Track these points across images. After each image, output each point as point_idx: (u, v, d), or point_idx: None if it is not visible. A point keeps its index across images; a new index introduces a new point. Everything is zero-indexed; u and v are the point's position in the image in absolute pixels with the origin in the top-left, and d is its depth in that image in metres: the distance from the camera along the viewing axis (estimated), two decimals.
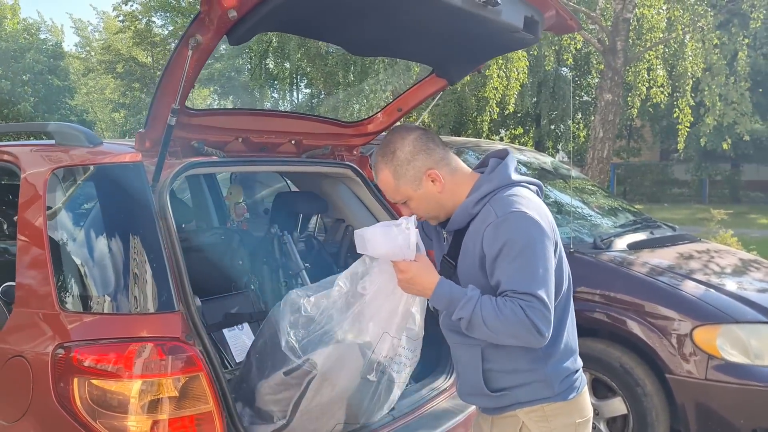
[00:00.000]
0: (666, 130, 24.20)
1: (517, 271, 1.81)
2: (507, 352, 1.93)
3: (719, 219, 9.39)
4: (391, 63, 13.76)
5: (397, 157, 1.97)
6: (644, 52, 10.49)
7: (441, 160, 1.99)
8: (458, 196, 1.99)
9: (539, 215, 1.86)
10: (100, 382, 1.95)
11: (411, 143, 1.97)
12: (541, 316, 1.77)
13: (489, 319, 1.79)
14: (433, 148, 1.99)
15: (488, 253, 1.86)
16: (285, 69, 20.23)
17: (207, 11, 1.89)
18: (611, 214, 5.19)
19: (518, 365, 1.94)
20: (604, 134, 9.23)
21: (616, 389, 3.68)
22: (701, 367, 3.44)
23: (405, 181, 1.98)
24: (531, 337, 1.78)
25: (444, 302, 1.90)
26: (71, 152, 2.36)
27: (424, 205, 2.02)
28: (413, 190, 1.98)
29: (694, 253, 4.37)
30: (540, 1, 2.40)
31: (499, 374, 1.97)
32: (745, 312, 3.56)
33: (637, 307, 3.68)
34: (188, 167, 2.35)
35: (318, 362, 2.04)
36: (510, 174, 1.97)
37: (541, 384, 1.95)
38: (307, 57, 18.25)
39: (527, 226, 1.83)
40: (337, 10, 2.07)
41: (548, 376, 1.94)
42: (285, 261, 2.97)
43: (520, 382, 1.96)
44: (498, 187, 1.93)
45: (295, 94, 24.71)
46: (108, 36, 34.30)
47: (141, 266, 2.08)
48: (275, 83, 23.45)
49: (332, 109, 16.06)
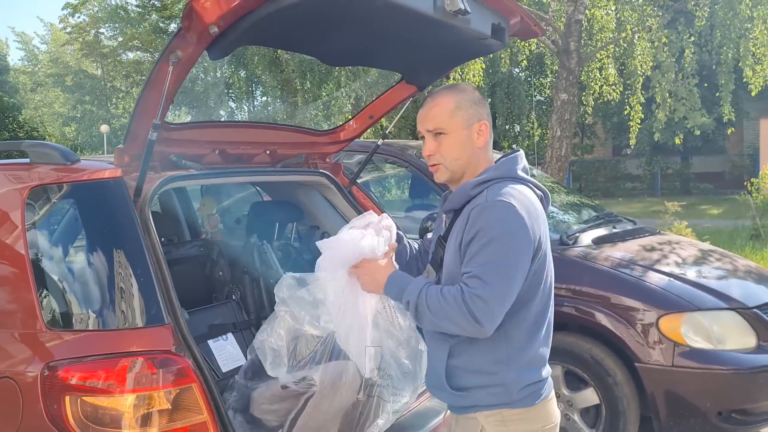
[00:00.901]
0: (617, 127, 24.81)
1: (481, 256, 1.81)
2: (473, 351, 1.94)
3: (673, 211, 9.69)
4: (354, 71, 13.80)
5: (467, 94, 2.04)
6: (596, 52, 10.77)
7: (490, 126, 2.06)
8: (473, 170, 2.02)
9: (527, 214, 1.86)
10: (92, 399, 1.95)
11: (480, 96, 2.07)
12: (481, 305, 1.76)
13: (432, 303, 1.82)
14: (489, 114, 2.07)
15: (466, 235, 1.88)
16: (240, 77, 20.12)
17: (188, 27, 1.91)
18: (574, 210, 5.33)
19: (481, 366, 1.94)
20: (562, 133, 9.46)
21: (587, 380, 3.79)
22: (668, 354, 3.57)
23: (461, 115, 2.00)
24: (469, 325, 1.78)
25: (395, 291, 1.95)
26: (48, 170, 2.34)
27: (456, 149, 2.01)
28: (461, 127, 2.00)
29: (656, 245, 4.53)
30: (506, 8, 2.48)
31: (462, 372, 1.97)
32: (706, 300, 3.71)
33: (604, 299, 3.81)
34: (168, 181, 2.36)
35: (317, 380, 2.05)
36: (515, 169, 1.99)
37: (499, 389, 1.93)
38: (262, 64, 18.16)
39: (509, 218, 1.83)
40: (314, 23, 2.11)
41: (509, 382, 1.92)
42: (266, 270, 3.00)
43: (480, 383, 1.95)
44: (500, 177, 1.95)
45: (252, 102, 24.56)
46: (55, 48, 33.54)
47: (128, 281, 2.08)
48: (230, 92, 23.29)
49: (290, 117, 16.01)
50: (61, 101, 34.69)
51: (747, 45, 9.09)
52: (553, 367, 3.89)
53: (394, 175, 6.12)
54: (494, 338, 1.88)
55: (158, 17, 27.56)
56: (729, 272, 4.26)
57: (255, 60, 18.14)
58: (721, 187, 23.17)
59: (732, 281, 4.14)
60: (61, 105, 34.80)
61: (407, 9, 2.02)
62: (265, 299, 3.00)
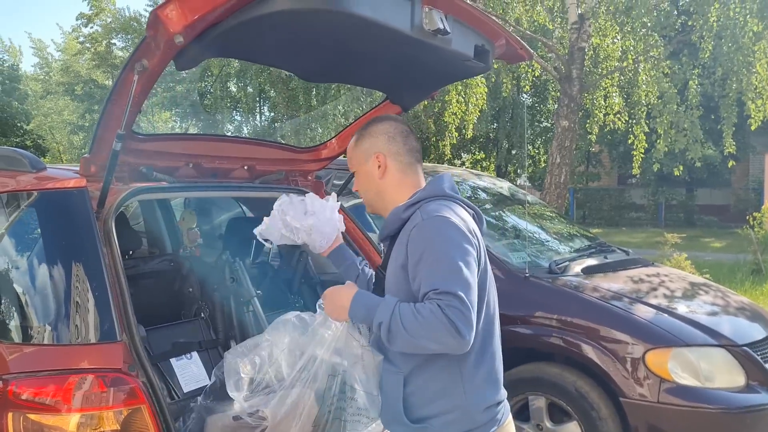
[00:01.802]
0: (623, 156, 24.76)
1: (437, 272, 1.80)
2: (427, 376, 1.90)
3: (673, 243, 9.60)
4: (350, 89, 13.85)
5: (367, 128, 2.13)
6: (600, 80, 10.75)
7: (396, 155, 2.08)
8: (398, 197, 2.06)
9: (463, 225, 1.90)
10: (37, 417, 1.88)
11: (385, 125, 2.12)
12: (460, 316, 1.73)
13: (407, 322, 1.76)
14: (397, 141, 2.09)
15: (411, 256, 1.87)
16: (247, 93, 20.21)
17: (153, 36, 1.87)
18: (567, 239, 5.25)
19: (437, 388, 1.90)
20: (561, 160, 9.40)
21: (571, 413, 3.69)
22: (653, 390, 3.48)
23: (359, 151, 2.12)
24: (451, 339, 1.73)
25: (362, 312, 1.89)
26: (13, 177, 2.30)
27: (364, 183, 2.13)
28: (360, 164, 2.11)
29: (646, 277, 4.44)
30: (490, 31, 2.43)
31: (420, 401, 1.92)
32: (695, 335, 3.62)
33: (591, 331, 3.71)
34: (135, 193, 2.31)
35: (269, 415, 1.98)
36: (443, 187, 2.03)
37: (459, 413, 1.90)
38: (269, 81, 18.25)
39: (448, 230, 1.86)
40: (285, 38, 2.07)
41: (468, 404, 1.90)
42: (236, 288, 2.93)
43: (439, 410, 1.90)
44: (429, 196, 1.99)
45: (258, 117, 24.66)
46: (68, 57, 33.87)
47: (83, 295, 2.02)
48: (238, 107, 23.40)
49: (294, 134, 16.04)
50: (70, 109, 34.91)
51: (750, 79, 9.07)
52: (537, 398, 3.83)
53: None
54: (448, 357, 1.86)
55: None
56: (720, 308, 4.17)
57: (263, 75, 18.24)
58: (726, 220, 23.05)
59: (723, 317, 4.04)
60: (71, 113, 35.03)
61: (383, 27, 1.98)
62: (234, 318, 2.93)
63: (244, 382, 2.04)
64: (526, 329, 3.88)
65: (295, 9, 1.78)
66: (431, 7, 2.09)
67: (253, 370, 2.06)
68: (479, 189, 5.48)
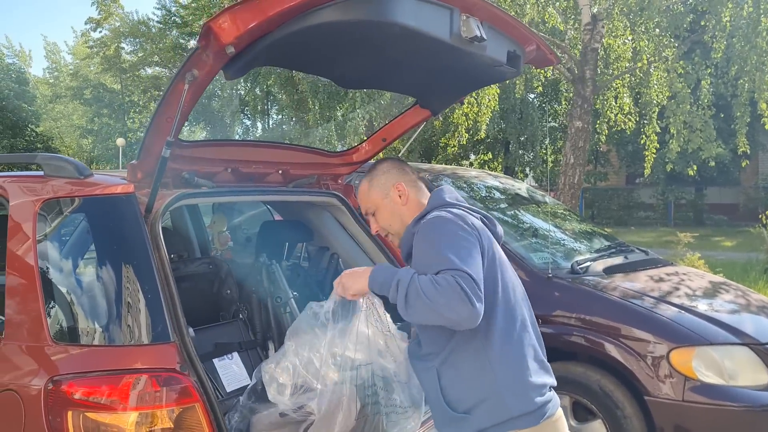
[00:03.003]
0: (632, 155, 24.73)
1: (444, 256, 1.92)
2: (458, 362, 2.01)
3: (686, 242, 9.60)
4: (369, 93, 13.88)
5: (375, 170, 2.30)
6: (612, 80, 10.76)
7: (410, 181, 2.28)
8: (414, 216, 2.20)
9: (460, 220, 2.04)
10: (95, 415, 1.94)
11: (388, 163, 2.32)
12: (472, 287, 1.84)
13: (425, 286, 1.85)
14: (404, 170, 2.31)
15: (415, 255, 2.04)
16: (256, 95, 20.29)
17: (205, 46, 1.93)
18: (586, 239, 5.29)
19: (468, 377, 2.00)
20: (575, 160, 9.42)
21: (596, 412, 3.72)
22: (678, 388, 3.51)
23: (376, 189, 2.27)
24: (464, 306, 1.81)
25: (381, 277, 2.01)
26: (61, 184, 2.36)
27: (388, 216, 2.26)
28: (381, 198, 2.26)
29: (667, 277, 4.47)
30: (522, 36, 2.48)
31: (456, 393, 2.02)
32: (718, 334, 3.65)
33: (614, 330, 3.75)
34: (180, 198, 2.37)
35: (314, 408, 2.04)
36: (443, 197, 2.19)
37: (494, 400, 1.97)
38: (278, 83, 18.31)
39: (444, 223, 2.03)
40: (330, 47, 2.13)
41: (500, 390, 1.97)
42: (274, 290, 2.99)
43: (475, 400, 1.99)
44: (432, 208, 2.15)
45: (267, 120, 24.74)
46: (79, 61, 34.02)
47: (135, 297, 2.08)
48: (246, 109, 23.49)
49: (304, 136, 16.09)
50: (79, 113, 35.09)
51: (763, 78, 9.07)
52: (562, 398, 3.83)
53: None
54: (471, 345, 1.99)
55: (179, 33, 27.91)
56: (742, 306, 4.20)
57: (271, 78, 18.30)
58: (736, 219, 22.98)
59: (745, 316, 4.07)
60: (80, 117, 35.19)
61: (424, 35, 2.03)
62: (272, 319, 2.99)
63: (285, 387, 2.11)
64: (549, 328, 3.91)
65: (344, 20, 1.83)
66: (469, 15, 2.15)
67: (288, 375, 2.13)
68: (497, 190, 5.53)
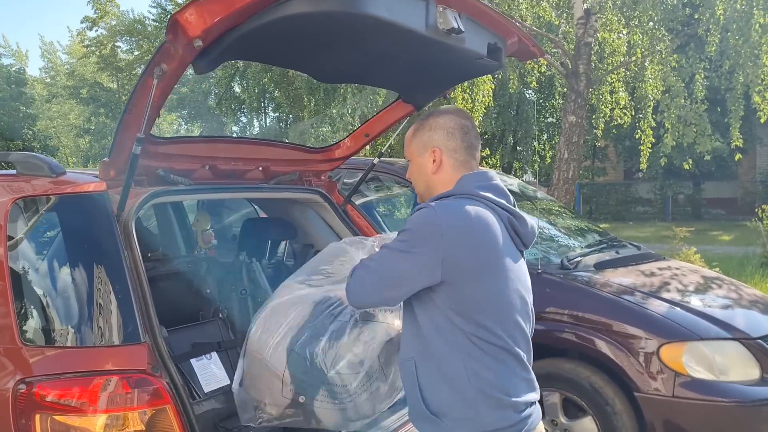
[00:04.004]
0: (629, 150, 24.69)
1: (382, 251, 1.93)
2: (433, 365, 1.89)
3: (682, 237, 9.57)
4: (360, 88, 13.84)
5: (428, 119, 2.08)
6: (606, 75, 10.72)
7: (453, 151, 2.03)
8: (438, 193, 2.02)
9: (451, 223, 1.83)
10: (63, 418, 1.90)
11: (445, 119, 2.05)
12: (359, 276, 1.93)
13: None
14: (455, 137, 2.03)
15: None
16: (252, 93, 20.21)
17: (172, 40, 1.89)
18: (578, 234, 5.25)
19: (444, 380, 1.87)
20: (569, 155, 9.38)
21: (586, 409, 3.70)
22: (668, 384, 3.48)
23: (416, 142, 2.08)
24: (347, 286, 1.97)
25: None
26: (34, 182, 2.32)
27: (416, 173, 2.11)
28: (416, 155, 2.08)
29: (659, 272, 4.44)
30: (502, 28, 2.44)
31: (431, 394, 1.90)
32: (709, 329, 3.61)
33: (604, 326, 3.71)
34: (154, 196, 2.33)
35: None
36: (471, 185, 1.97)
37: (471, 411, 1.84)
38: (273, 81, 18.24)
39: (425, 218, 1.86)
40: (303, 40, 2.09)
41: (477, 401, 1.84)
42: (254, 288, 2.94)
43: (450, 406, 1.87)
44: (453, 194, 1.96)
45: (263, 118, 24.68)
46: (75, 60, 33.96)
47: (106, 297, 2.04)
48: (242, 108, 23.40)
49: (300, 134, 16.05)
50: (76, 113, 35.02)
51: (756, 71, 9.03)
52: (551, 394, 3.84)
53: (403, 194, 6.05)
54: (451, 348, 1.86)
55: None
56: (734, 301, 4.17)
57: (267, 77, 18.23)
58: (733, 213, 22.95)
59: (737, 311, 4.03)
60: (76, 116, 35.13)
61: (399, 27, 1.99)
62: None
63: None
64: (539, 325, 3.81)
65: (312, 12, 1.79)
66: (445, 7, 2.11)
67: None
68: None
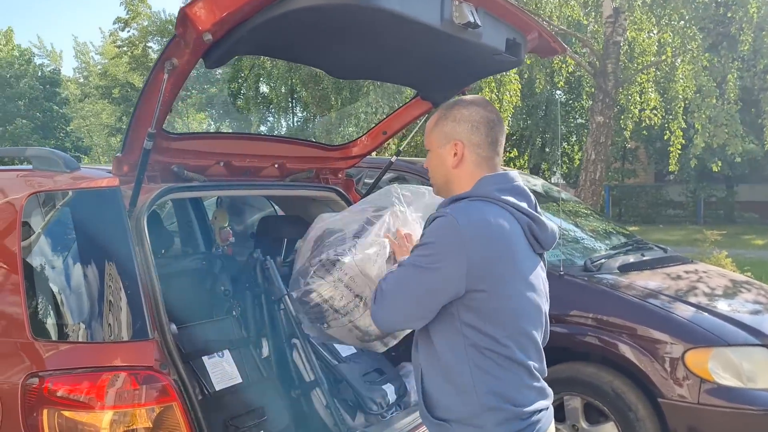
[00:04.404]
0: (660, 152, 24.25)
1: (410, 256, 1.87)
2: (438, 372, 1.85)
3: (713, 240, 9.37)
4: (382, 85, 13.83)
5: (453, 109, 1.96)
6: (636, 74, 10.54)
7: (477, 146, 1.92)
8: (464, 189, 1.93)
9: (472, 230, 1.76)
10: (71, 414, 1.90)
11: (471, 111, 1.94)
12: (383, 299, 1.86)
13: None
14: (480, 132, 1.93)
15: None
16: (280, 93, 20.32)
17: (182, 34, 1.87)
18: (602, 236, 5.15)
19: (449, 389, 1.83)
20: (596, 156, 9.24)
21: (608, 414, 3.62)
22: (693, 391, 3.39)
23: (438, 132, 1.97)
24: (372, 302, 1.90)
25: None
26: (48, 177, 2.32)
27: (434, 165, 2.00)
28: (437, 146, 1.97)
29: (685, 275, 4.33)
30: (522, 23, 2.39)
31: (436, 401, 1.87)
32: (737, 335, 3.51)
33: (628, 330, 3.63)
34: (166, 192, 2.32)
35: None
36: (489, 186, 1.88)
37: (474, 419, 1.79)
38: (301, 81, 18.31)
39: (446, 229, 1.78)
40: (314, 34, 2.06)
41: (482, 412, 1.79)
42: (267, 286, 2.93)
43: (454, 409, 1.83)
44: (470, 196, 1.88)
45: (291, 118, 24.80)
46: (107, 60, 34.49)
47: (115, 293, 2.04)
48: (270, 107, 23.56)
49: (326, 132, 16.08)
50: (108, 112, 35.58)
51: None
52: (573, 399, 3.77)
53: None
54: (456, 356, 1.81)
55: None
56: (763, 306, 4.04)
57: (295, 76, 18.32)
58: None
59: (766, 316, 3.91)
60: (108, 116, 35.69)
61: (412, 21, 1.95)
62: (266, 317, 2.93)
63: None
64: (560, 328, 3.81)
65: (321, 5, 1.76)
66: (461, 1, 2.06)
67: None
68: None
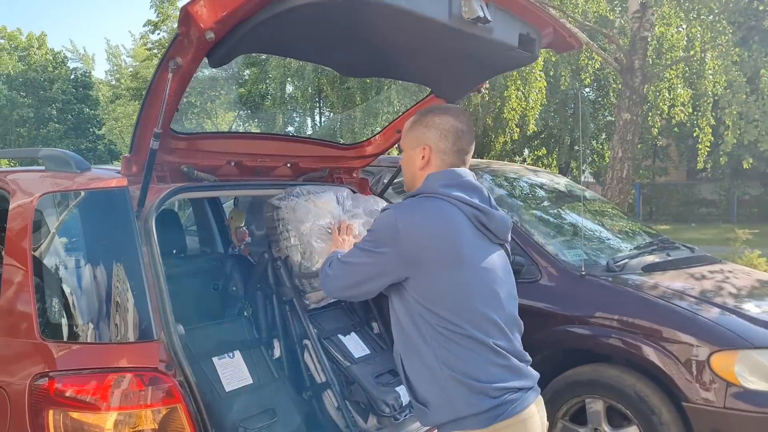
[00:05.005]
0: (691, 149, 23.78)
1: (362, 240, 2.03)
2: (411, 356, 1.96)
3: (744, 239, 9.14)
4: (404, 84, 13.80)
5: (427, 115, 2.08)
6: (663, 70, 10.34)
7: (442, 153, 2.04)
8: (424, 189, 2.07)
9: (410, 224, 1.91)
10: (77, 414, 1.90)
11: (442, 119, 2.05)
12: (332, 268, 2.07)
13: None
14: (447, 140, 2.04)
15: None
16: (306, 94, 20.42)
17: (185, 33, 1.86)
18: (628, 235, 5.05)
19: (423, 370, 1.93)
20: (623, 154, 9.07)
21: (631, 417, 3.54)
22: (719, 394, 3.29)
23: (410, 135, 2.11)
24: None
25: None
26: (59, 178, 2.34)
27: (405, 165, 2.15)
28: (409, 147, 2.11)
29: (711, 275, 4.21)
30: (535, 18, 2.33)
31: (416, 379, 1.97)
32: (764, 336, 3.40)
33: (651, 331, 3.54)
34: (175, 192, 2.31)
35: None
36: (435, 183, 2.00)
37: (446, 398, 1.89)
38: (327, 81, 18.39)
39: (385, 220, 1.95)
40: (320, 32, 2.03)
41: (451, 387, 1.88)
42: (278, 287, 2.91)
43: (429, 391, 1.93)
44: (419, 192, 2.02)
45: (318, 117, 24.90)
46: (138, 63, 34.96)
47: (122, 294, 2.03)
48: (297, 107, 23.69)
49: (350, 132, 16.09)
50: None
51: None
52: (595, 401, 3.69)
53: None
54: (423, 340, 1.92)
55: None
56: None
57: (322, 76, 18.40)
58: None
59: None
60: None
61: (419, 17, 1.91)
62: (277, 317, 2.91)
63: None
64: (582, 329, 3.73)
65: (322, 1, 1.73)
66: None
67: None
68: (535, 185, 5.33)
